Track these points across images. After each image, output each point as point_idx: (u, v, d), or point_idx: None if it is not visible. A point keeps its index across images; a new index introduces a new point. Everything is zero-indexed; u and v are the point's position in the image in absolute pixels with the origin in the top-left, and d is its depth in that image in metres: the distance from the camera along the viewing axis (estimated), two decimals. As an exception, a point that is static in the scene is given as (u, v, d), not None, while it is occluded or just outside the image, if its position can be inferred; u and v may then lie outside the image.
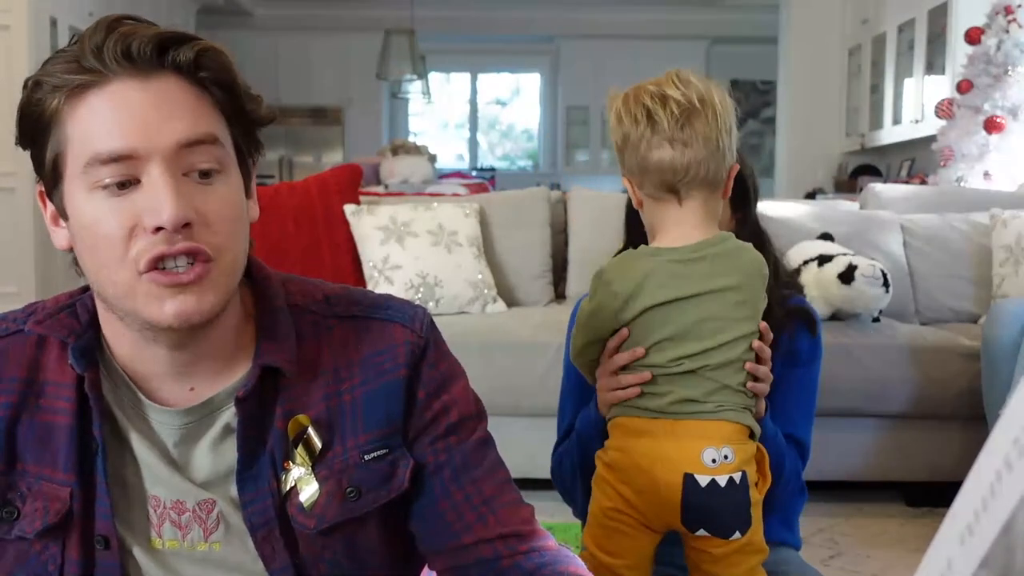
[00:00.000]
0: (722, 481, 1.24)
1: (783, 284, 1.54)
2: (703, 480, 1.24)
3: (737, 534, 1.25)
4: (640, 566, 1.31)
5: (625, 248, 1.48)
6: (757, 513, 1.28)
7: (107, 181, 0.87)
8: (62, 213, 0.92)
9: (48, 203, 0.94)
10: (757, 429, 1.30)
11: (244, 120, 0.95)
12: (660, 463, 1.25)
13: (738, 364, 1.27)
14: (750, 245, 1.32)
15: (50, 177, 0.91)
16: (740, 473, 1.25)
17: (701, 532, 1.26)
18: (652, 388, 1.27)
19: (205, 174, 0.89)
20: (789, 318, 1.47)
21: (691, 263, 1.27)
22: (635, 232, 1.47)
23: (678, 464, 1.24)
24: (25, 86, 0.90)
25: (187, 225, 0.87)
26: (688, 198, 1.28)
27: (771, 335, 1.32)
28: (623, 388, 1.29)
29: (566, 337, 1.47)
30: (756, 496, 1.27)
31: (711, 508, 1.24)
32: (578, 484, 1.44)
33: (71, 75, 0.87)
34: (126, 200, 0.87)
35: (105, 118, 0.87)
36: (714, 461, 1.24)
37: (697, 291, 1.26)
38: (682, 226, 1.29)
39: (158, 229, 0.86)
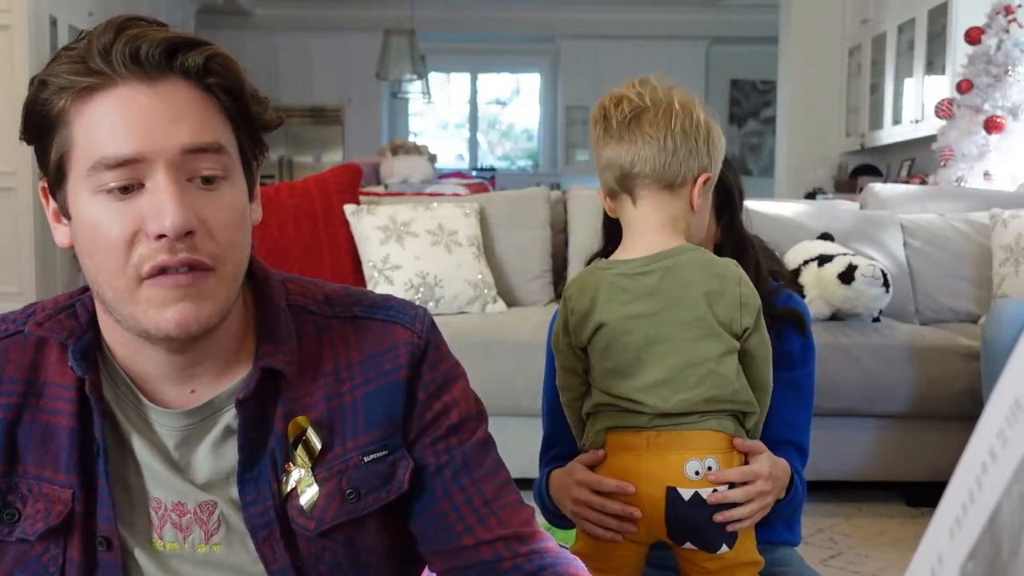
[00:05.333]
0: (706, 493, 1.22)
1: (773, 278, 1.53)
2: (686, 494, 1.22)
3: (724, 547, 1.23)
4: None
5: (598, 253, 1.48)
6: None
7: (111, 185, 0.86)
8: (64, 212, 0.92)
9: (51, 200, 0.93)
10: (744, 435, 1.28)
11: (250, 125, 0.94)
12: (644, 478, 1.24)
13: (711, 385, 1.23)
14: (712, 257, 1.29)
15: (54, 176, 0.91)
16: (726, 485, 1.23)
17: (688, 545, 1.24)
18: (632, 405, 1.25)
19: (208, 180, 0.89)
20: (775, 321, 1.45)
21: (637, 277, 1.25)
22: (609, 239, 1.46)
23: (661, 478, 1.23)
24: (31, 84, 0.90)
25: (189, 233, 0.86)
26: (640, 198, 1.27)
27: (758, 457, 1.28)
28: (605, 517, 1.26)
29: (547, 344, 1.44)
30: None
31: (695, 521, 1.22)
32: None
33: (77, 76, 0.87)
34: (129, 205, 0.87)
35: (111, 122, 0.86)
36: (697, 473, 1.22)
37: (639, 312, 1.24)
38: (639, 230, 1.28)
39: (160, 236, 0.86)
